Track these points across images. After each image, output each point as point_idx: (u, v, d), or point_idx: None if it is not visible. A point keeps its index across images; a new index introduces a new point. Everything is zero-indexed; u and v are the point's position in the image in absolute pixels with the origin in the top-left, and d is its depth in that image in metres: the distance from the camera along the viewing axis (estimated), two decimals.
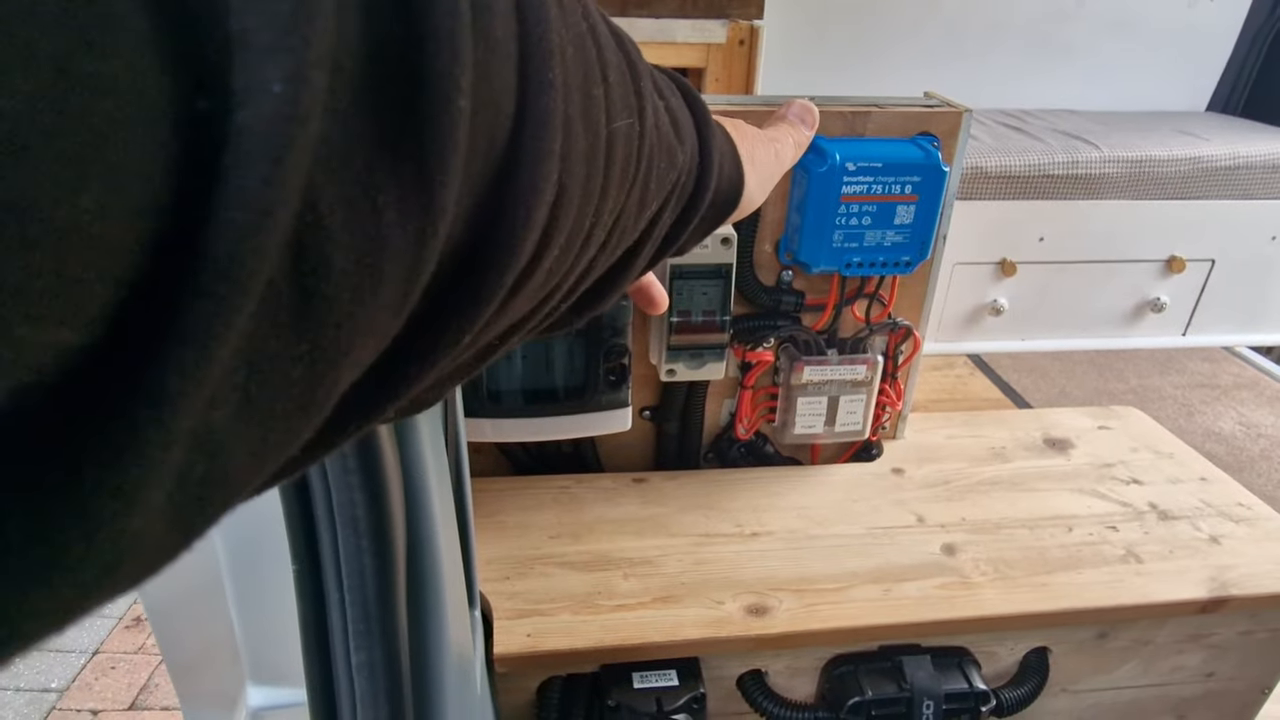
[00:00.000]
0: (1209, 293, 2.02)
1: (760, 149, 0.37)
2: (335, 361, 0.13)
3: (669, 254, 0.30)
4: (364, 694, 0.40)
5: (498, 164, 0.15)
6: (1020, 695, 0.76)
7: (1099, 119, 2.10)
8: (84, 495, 0.10)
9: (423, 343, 0.16)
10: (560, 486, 0.85)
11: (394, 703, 0.40)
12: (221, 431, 0.12)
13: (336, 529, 0.39)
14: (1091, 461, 0.94)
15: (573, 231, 0.19)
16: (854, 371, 0.85)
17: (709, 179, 0.29)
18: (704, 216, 0.30)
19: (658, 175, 0.24)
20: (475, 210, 0.15)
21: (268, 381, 0.12)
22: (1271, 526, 0.84)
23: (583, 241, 0.20)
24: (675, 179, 0.26)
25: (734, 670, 0.73)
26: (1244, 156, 1.86)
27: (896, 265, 0.78)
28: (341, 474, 0.37)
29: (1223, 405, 1.84)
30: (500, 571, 0.74)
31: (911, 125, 0.77)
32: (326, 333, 0.12)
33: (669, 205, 0.26)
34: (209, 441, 0.11)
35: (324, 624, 0.41)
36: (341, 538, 0.39)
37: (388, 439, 0.38)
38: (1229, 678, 0.84)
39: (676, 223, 0.28)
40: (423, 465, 0.41)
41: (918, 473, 0.90)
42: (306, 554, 0.39)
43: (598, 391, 0.75)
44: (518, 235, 0.16)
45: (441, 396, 0.21)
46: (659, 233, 0.27)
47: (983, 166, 1.80)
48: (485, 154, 0.15)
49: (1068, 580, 0.76)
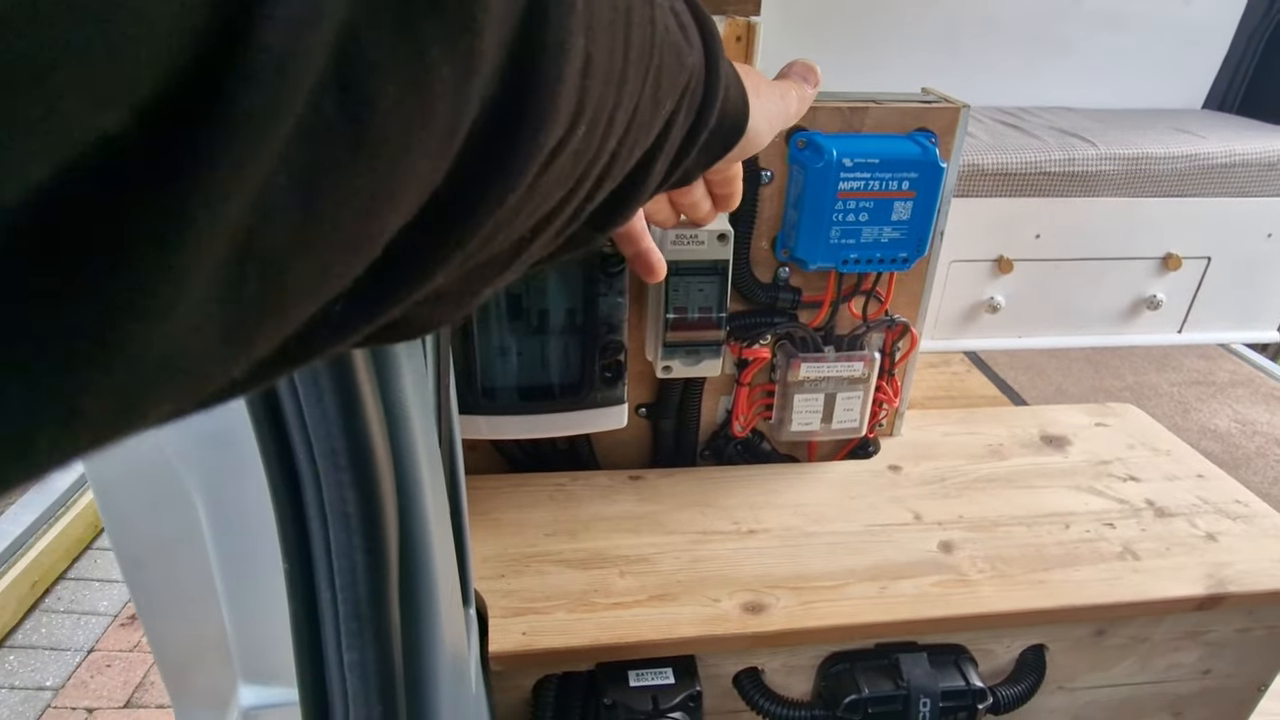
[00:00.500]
0: (1205, 290, 2.02)
1: (765, 87, 0.37)
2: (386, 197, 0.13)
3: (678, 176, 0.30)
4: (356, 693, 0.40)
5: (526, 15, 0.15)
6: (1017, 693, 0.76)
7: (1096, 116, 2.10)
8: (134, 269, 0.10)
9: (465, 201, 0.16)
10: (556, 484, 0.85)
11: (386, 702, 0.40)
12: (278, 246, 0.12)
13: (328, 526, 0.38)
14: (1089, 459, 0.94)
15: (598, 107, 0.19)
16: (851, 368, 0.85)
17: (716, 90, 0.29)
18: (712, 132, 0.30)
19: (669, 72, 0.24)
20: (510, 63, 0.15)
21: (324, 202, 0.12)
22: (1268, 524, 0.84)
23: (606, 123, 0.20)
24: (685, 81, 0.26)
25: (730, 668, 0.72)
26: (1240, 154, 1.86)
27: (893, 262, 0.78)
28: (332, 470, 0.37)
29: (1218, 402, 1.84)
30: (495, 569, 0.73)
31: (909, 121, 0.77)
32: (376, 165, 0.13)
33: (681, 110, 0.27)
34: (265, 250, 0.12)
35: (316, 622, 0.40)
36: (333, 535, 0.38)
37: (380, 435, 0.38)
38: (1226, 675, 0.83)
39: (686, 137, 0.29)
40: (415, 462, 0.40)
41: (915, 470, 0.90)
42: (298, 552, 0.39)
43: (593, 388, 0.74)
44: (552, 91, 0.16)
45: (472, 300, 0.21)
46: (671, 143, 0.27)
47: (980, 164, 1.80)
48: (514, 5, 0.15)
49: (1065, 578, 0.76)
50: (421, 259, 0.16)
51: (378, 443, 0.38)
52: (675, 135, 0.27)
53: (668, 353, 0.75)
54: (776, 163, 0.76)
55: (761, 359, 0.84)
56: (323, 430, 0.36)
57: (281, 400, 0.35)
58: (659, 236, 0.72)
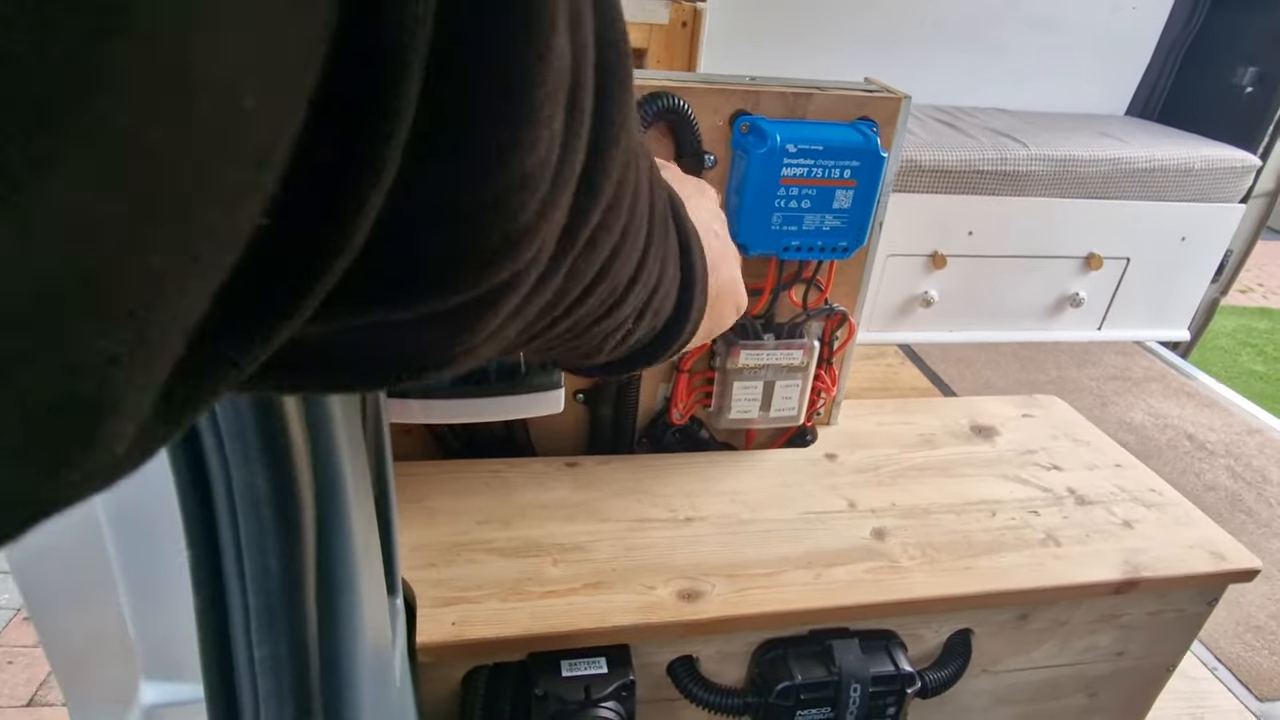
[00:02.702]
0: (1124, 289, 2.11)
1: (718, 307, 0.41)
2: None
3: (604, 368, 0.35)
4: (268, 690, 0.38)
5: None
6: (944, 676, 0.77)
7: (1027, 119, 2.16)
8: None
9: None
10: (491, 470, 0.83)
11: (300, 699, 0.37)
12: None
13: (236, 513, 0.36)
14: (1015, 448, 0.96)
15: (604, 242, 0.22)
16: (790, 356, 0.85)
17: (669, 345, 0.35)
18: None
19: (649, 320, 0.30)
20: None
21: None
22: (1179, 512, 0.88)
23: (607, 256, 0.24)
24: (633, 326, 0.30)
25: (665, 656, 0.72)
26: (1159, 160, 1.94)
27: (834, 250, 0.78)
28: (241, 453, 0.34)
29: (1134, 396, 1.93)
30: (426, 558, 0.71)
31: (851, 109, 0.77)
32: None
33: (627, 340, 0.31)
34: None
35: (224, 616, 0.38)
36: (243, 523, 0.36)
37: (295, 417, 0.35)
38: (1138, 656, 0.87)
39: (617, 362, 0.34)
40: (335, 445, 0.38)
41: (850, 458, 0.91)
42: (203, 540, 0.36)
43: (529, 373, 0.72)
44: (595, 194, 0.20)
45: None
46: (620, 334, 0.30)
47: (917, 160, 1.83)
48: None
49: (991, 564, 0.78)
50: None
51: (293, 425, 0.35)
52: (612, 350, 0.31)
53: None
54: (719, 147, 0.75)
55: (701, 346, 0.83)
56: (231, 411, 0.33)
57: None
58: None
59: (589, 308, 0.25)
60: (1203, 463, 1.69)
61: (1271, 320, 3.69)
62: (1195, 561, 0.81)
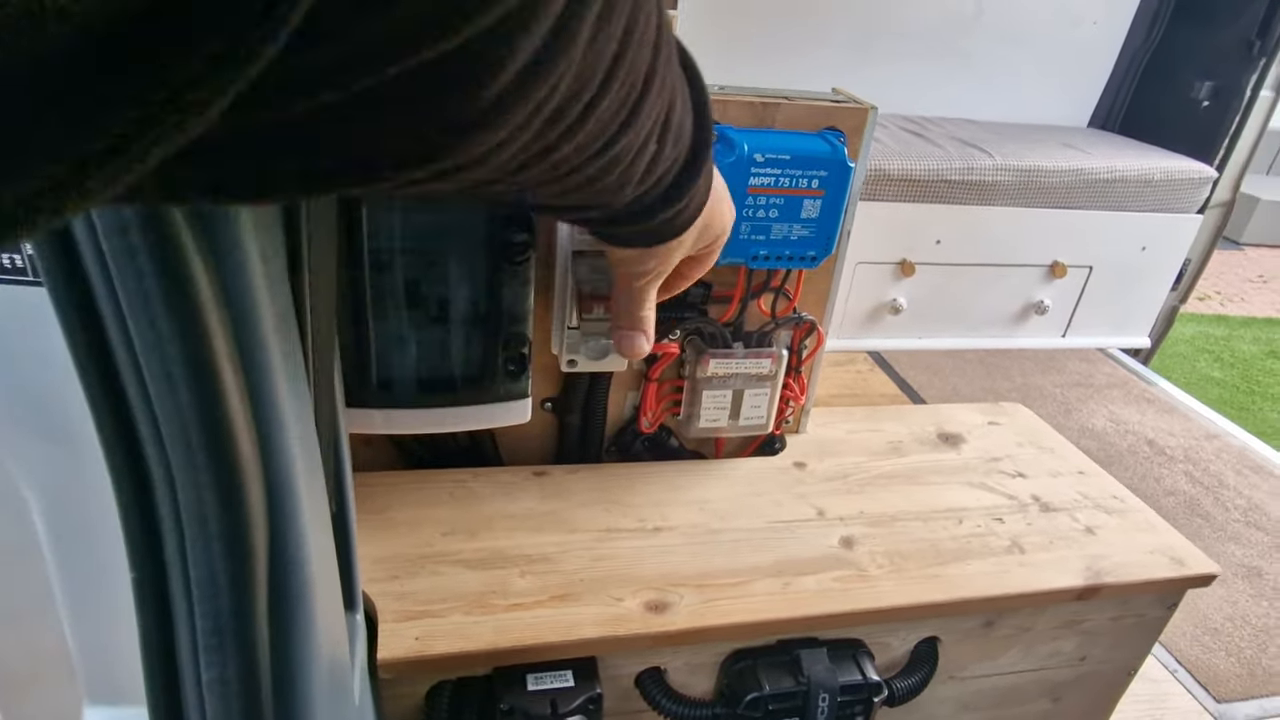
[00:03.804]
0: (1086, 297, 2.15)
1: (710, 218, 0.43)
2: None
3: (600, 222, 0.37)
4: (216, 714, 0.36)
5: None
6: (911, 684, 0.77)
7: (993, 129, 2.20)
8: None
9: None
10: (456, 480, 0.81)
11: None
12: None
13: (183, 530, 0.34)
14: (981, 455, 0.97)
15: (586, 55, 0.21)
16: (759, 365, 0.85)
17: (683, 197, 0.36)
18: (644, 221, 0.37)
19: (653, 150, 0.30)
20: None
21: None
22: (1141, 519, 0.89)
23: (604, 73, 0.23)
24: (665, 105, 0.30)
25: (632, 668, 0.71)
26: (1120, 170, 1.98)
27: (802, 260, 0.78)
28: (188, 467, 0.33)
29: (1096, 403, 1.97)
30: (388, 571, 0.69)
31: (819, 119, 0.77)
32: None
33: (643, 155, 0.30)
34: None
35: (170, 637, 0.36)
36: (189, 541, 0.35)
37: (244, 428, 0.34)
38: (1100, 661, 0.88)
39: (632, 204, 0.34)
40: (287, 458, 0.37)
41: (819, 466, 0.91)
42: (148, 559, 0.35)
43: (496, 381, 0.71)
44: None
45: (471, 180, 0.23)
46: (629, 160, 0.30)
47: (885, 169, 1.85)
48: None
49: (957, 571, 0.78)
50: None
51: (241, 436, 0.34)
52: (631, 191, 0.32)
53: (572, 346, 0.73)
54: None
55: (671, 354, 0.83)
56: (176, 423, 0.32)
57: (125, 386, 0.31)
58: (565, 230, 0.70)
59: (609, 106, 0.25)
60: (1162, 468, 1.73)
61: (1228, 327, 3.78)
62: (1156, 567, 0.82)
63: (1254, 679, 1.23)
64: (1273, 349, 3.60)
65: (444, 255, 0.65)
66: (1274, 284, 4.32)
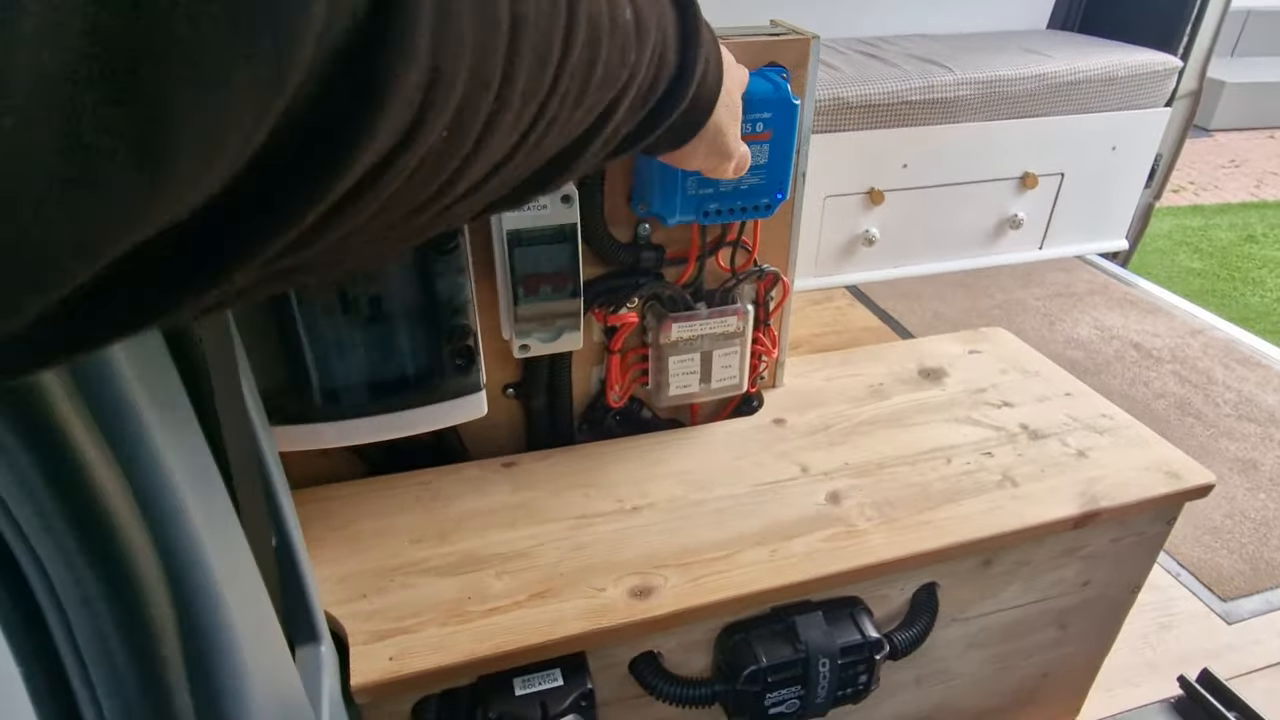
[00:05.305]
0: (1061, 205, 2.10)
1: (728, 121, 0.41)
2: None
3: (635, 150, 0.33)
4: None
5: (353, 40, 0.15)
6: (913, 635, 0.75)
7: (950, 42, 2.12)
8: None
9: (273, 197, 0.16)
10: (421, 482, 0.78)
11: None
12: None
13: (68, 618, 0.30)
14: (965, 388, 0.94)
15: (460, 114, 0.19)
16: (725, 324, 0.81)
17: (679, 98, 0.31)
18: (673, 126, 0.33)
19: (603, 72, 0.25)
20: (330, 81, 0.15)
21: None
22: (1132, 434, 0.86)
23: (483, 125, 0.20)
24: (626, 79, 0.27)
25: (624, 656, 0.69)
26: (1083, 71, 1.92)
27: (756, 209, 0.73)
28: (51, 544, 0.29)
29: (1079, 311, 1.94)
30: (355, 589, 0.66)
31: (758, 56, 0.71)
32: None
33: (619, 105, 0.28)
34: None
35: None
36: (76, 624, 0.31)
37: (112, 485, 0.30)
38: (1104, 583, 0.87)
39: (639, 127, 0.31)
40: (178, 516, 0.33)
41: (799, 421, 0.88)
42: (35, 653, 0.31)
43: (445, 378, 0.67)
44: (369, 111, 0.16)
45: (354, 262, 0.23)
46: (608, 129, 0.28)
47: (844, 97, 1.78)
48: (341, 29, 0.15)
49: (949, 514, 0.75)
50: (223, 249, 0.16)
51: (109, 495, 0.30)
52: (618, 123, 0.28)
53: (522, 330, 0.69)
54: None
55: (630, 323, 0.78)
56: (24, 499, 0.28)
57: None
58: None
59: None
60: (1150, 370, 1.71)
61: (1204, 217, 3.76)
62: (1151, 484, 0.80)
63: (1257, 573, 1.23)
64: (1249, 233, 3.58)
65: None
66: (1245, 168, 4.29)
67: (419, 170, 0.19)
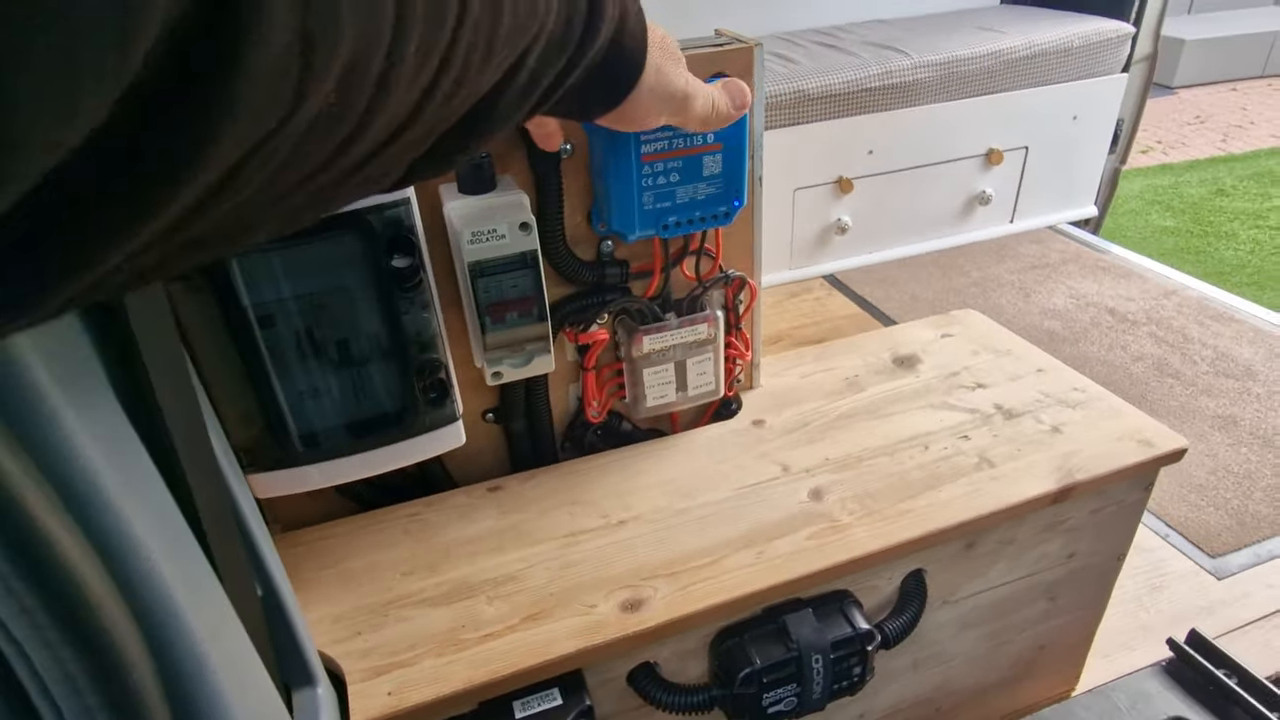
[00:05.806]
0: (1028, 178, 2.12)
1: (669, 63, 0.39)
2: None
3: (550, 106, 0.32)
4: None
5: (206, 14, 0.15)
6: (903, 623, 0.77)
7: (905, 25, 2.14)
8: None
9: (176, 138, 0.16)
10: (409, 514, 0.79)
11: None
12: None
13: (54, 699, 0.31)
14: (939, 373, 0.95)
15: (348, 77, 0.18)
16: (695, 331, 0.82)
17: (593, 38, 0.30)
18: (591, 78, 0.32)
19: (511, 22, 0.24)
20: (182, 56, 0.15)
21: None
22: (1104, 406, 0.88)
23: (375, 85, 0.20)
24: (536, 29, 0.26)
25: (621, 670, 0.70)
26: (1039, 44, 1.94)
27: (715, 218, 0.74)
28: (32, 631, 0.30)
29: (1054, 281, 1.96)
30: (350, 627, 0.67)
31: (703, 68, 0.72)
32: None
33: (531, 54, 0.27)
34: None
35: None
36: (65, 707, 0.31)
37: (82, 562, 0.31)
38: (1089, 554, 0.88)
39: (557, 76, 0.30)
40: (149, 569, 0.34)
41: (777, 420, 0.89)
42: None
43: (419, 412, 0.68)
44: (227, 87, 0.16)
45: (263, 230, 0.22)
46: (522, 80, 0.27)
47: (804, 89, 1.79)
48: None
49: (930, 501, 0.77)
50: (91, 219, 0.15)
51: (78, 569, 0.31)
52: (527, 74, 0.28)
53: (493, 359, 0.70)
54: (575, 132, 0.71)
55: (601, 340, 0.79)
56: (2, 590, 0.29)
57: None
58: (455, 235, 0.65)
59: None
60: (1127, 334, 1.73)
61: (1173, 175, 3.79)
62: (1126, 454, 0.81)
63: (1244, 527, 1.25)
64: (1219, 187, 3.62)
65: (331, 296, 0.61)
66: (1210, 123, 4.33)
67: (309, 135, 0.19)
